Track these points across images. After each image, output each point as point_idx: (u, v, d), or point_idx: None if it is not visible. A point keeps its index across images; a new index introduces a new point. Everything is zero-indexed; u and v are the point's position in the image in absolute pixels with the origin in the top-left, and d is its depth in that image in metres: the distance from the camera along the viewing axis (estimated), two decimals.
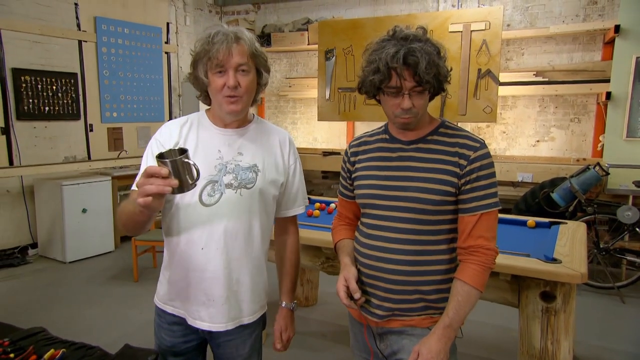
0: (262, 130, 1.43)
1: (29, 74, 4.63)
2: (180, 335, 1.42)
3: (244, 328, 1.41)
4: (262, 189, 1.36)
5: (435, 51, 1.21)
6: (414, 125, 1.30)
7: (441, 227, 1.30)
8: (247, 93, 1.30)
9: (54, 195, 4.52)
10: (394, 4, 5.89)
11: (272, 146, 1.42)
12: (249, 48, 1.27)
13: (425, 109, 1.30)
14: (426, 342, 1.22)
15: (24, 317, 3.30)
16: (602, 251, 3.88)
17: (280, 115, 6.88)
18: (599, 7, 4.88)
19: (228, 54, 1.23)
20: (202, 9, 6.73)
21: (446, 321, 1.23)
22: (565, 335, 1.97)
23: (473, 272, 1.25)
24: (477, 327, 3.16)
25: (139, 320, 3.30)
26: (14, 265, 4.42)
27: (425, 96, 1.25)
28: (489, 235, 1.27)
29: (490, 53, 4.68)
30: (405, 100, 1.22)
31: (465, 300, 1.24)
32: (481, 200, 1.26)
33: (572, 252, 2.10)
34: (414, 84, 1.20)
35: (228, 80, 1.24)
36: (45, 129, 4.85)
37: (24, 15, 4.58)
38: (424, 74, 1.17)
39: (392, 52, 1.17)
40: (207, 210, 1.31)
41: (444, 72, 1.23)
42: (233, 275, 1.35)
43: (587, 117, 5.05)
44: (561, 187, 4.01)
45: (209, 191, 1.31)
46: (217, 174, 1.32)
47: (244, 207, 1.33)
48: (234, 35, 1.24)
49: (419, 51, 1.17)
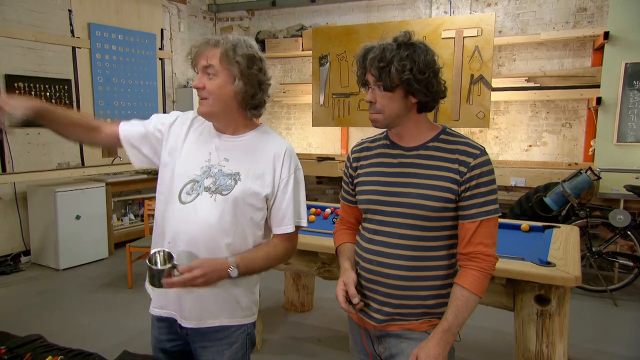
0: (260, 140, 1.41)
1: (22, 80, 4.61)
2: (165, 332, 1.44)
3: (220, 337, 1.39)
4: (238, 198, 1.33)
5: (405, 52, 1.23)
6: (384, 125, 1.33)
7: (441, 234, 1.31)
8: (213, 96, 1.30)
9: (47, 202, 4.49)
10: (387, 10, 5.95)
11: (263, 158, 1.38)
12: (222, 52, 1.27)
13: (396, 111, 1.29)
14: (425, 345, 1.23)
15: (18, 325, 3.27)
16: (594, 254, 3.92)
17: (275, 121, 6.89)
18: (588, 14, 4.96)
19: (199, 57, 1.30)
20: (196, 16, 6.74)
21: (445, 325, 1.25)
22: (560, 338, 1.99)
23: (472, 277, 1.26)
24: (472, 330, 3.18)
25: (134, 327, 3.28)
26: (6, 273, 4.37)
27: (390, 95, 1.26)
28: (488, 241, 1.28)
29: (483, 59, 4.74)
30: (369, 93, 1.30)
31: (464, 306, 1.25)
32: (481, 207, 1.27)
33: (566, 256, 2.12)
34: (373, 78, 1.27)
35: (195, 80, 1.32)
36: (39, 135, 4.83)
37: (18, 22, 4.56)
38: (369, 65, 1.25)
39: (362, 48, 1.29)
40: (181, 208, 1.34)
41: (400, 71, 1.21)
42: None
43: (578, 122, 5.11)
44: (554, 192, 4.05)
45: (188, 190, 1.35)
46: (200, 174, 1.35)
47: (214, 213, 1.31)
48: (214, 41, 1.29)
49: (377, 48, 1.24)
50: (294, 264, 2.65)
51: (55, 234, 4.46)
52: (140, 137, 1.43)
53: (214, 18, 7.02)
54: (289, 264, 2.66)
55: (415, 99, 1.29)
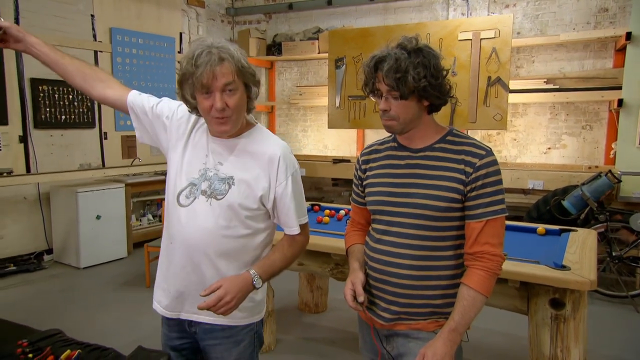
0: (255, 142, 1.39)
1: (46, 83, 4.75)
2: (175, 330, 1.48)
3: (228, 336, 1.41)
4: (233, 204, 1.33)
5: (416, 59, 1.23)
6: (399, 130, 1.34)
7: (447, 234, 1.32)
8: (236, 111, 1.29)
9: (69, 202, 4.61)
10: (404, 12, 5.94)
11: (257, 160, 1.36)
12: (235, 66, 1.25)
13: (410, 116, 1.30)
14: (432, 345, 1.24)
15: (40, 320, 3.37)
16: (615, 259, 3.84)
17: (291, 123, 6.93)
18: (610, 14, 4.86)
19: (212, 77, 1.22)
20: (214, 19, 6.84)
21: (452, 325, 1.25)
22: (576, 343, 1.96)
23: (479, 277, 1.27)
24: (486, 334, 3.15)
25: (150, 325, 3.34)
26: (30, 270, 4.51)
27: (405, 103, 1.27)
28: (495, 241, 1.29)
29: (500, 61, 4.69)
30: (382, 102, 1.30)
31: (471, 305, 1.26)
32: (487, 207, 1.28)
33: (582, 259, 2.09)
34: (387, 87, 1.26)
35: (215, 102, 1.24)
36: (62, 137, 4.96)
37: (43, 27, 4.71)
38: (385, 77, 1.24)
39: (371, 56, 1.28)
40: (180, 211, 1.37)
41: (417, 80, 1.22)
42: (191, 275, 1.37)
43: (599, 124, 5.01)
44: (572, 195, 3.98)
45: (186, 193, 1.37)
46: (198, 178, 1.37)
47: (210, 217, 1.33)
48: (217, 57, 1.22)
49: (389, 57, 1.24)
50: (307, 265, 2.67)
51: (77, 234, 4.58)
52: (144, 111, 1.45)
53: (231, 21, 7.11)
54: (302, 265, 2.68)
55: (428, 102, 1.31)
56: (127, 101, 1.45)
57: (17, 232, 4.64)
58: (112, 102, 1.48)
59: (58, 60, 1.45)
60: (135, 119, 1.47)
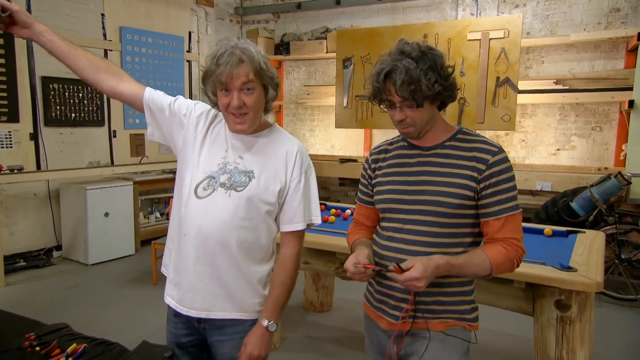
0: (273, 140, 1.44)
1: (57, 82, 4.81)
2: (182, 327, 1.48)
3: (237, 331, 1.42)
4: (252, 195, 1.36)
5: (425, 65, 1.23)
6: (416, 134, 1.34)
7: (459, 231, 1.32)
8: (253, 110, 1.34)
9: (78, 199, 4.66)
10: (413, 12, 5.92)
11: (276, 157, 1.41)
12: (253, 67, 1.29)
13: (426, 119, 1.31)
14: (425, 260, 1.22)
15: (48, 315, 3.39)
16: (623, 262, 3.80)
17: (299, 123, 6.95)
18: (621, 14, 4.81)
19: (231, 77, 1.28)
20: (223, 19, 6.87)
21: (451, 259, 1.25)
22: (581, 345, 1.95)
23: (497, 250, 1.28)
24: (491, 335, 3.13)
25: (156, 322, 3.36)
26: (39, 266, 4.56)
27: (421, 109, 1.27)
28: (517, 235, 1.31)
29: (509, 61, 4.66)
30: (397, 113, 1.29)
31: (476, 264, 1.27)
32: (504, 203, 1.29)
33: (589, 261, 2.08)
34: (400, 98, 1.26)
35: (232, 100, 1.30)
36: (71, 135, 5.02)
37: (54, 26, 4.67)
38: (400, 91, 1.23)
39: (378, 70, 1.27)
40: (197, 202, 1.38)
41: (430, 86, 1.23)
42: (205, 268, 1.38)
43: (609, 125, 4.96)
44: (581, 197, 3.94)
45: (204, 185, 1.39)
46: (217, 171, 1.39)
47: (229, 208, 1.35)
48: (238, 57, 1.27)
49: (399, 69, 1.22)
50: (312, 264, 2.68)
51: (85, 230, 4.62)
52: (161, 108, 1.45)
53: (240, 21, 7.14)
54: (307, 264, 2.69)
55: (439, 101, 1.31)
56: (144, 97, 1.45)
57: (27, 229, 4.70)
58: (124, 96, 1.46)
59: (69, 50, 1.42)
60: (149, 116, 1.47)
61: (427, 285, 1.29)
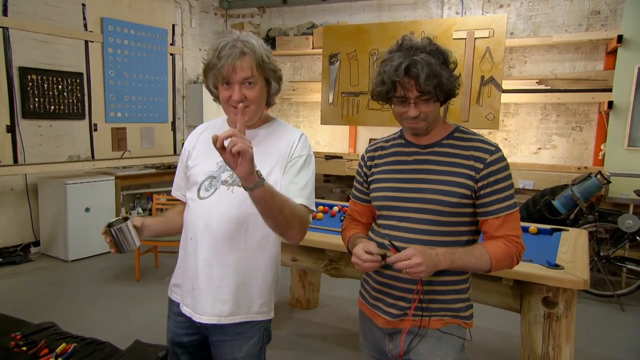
0: (273, 133, 1.42)
1: (35, 72, 4.67)
2: (184, 327, 1.46)
3: (239, 332, 1.40)
4: None
5: (439, 61, 1.24)
6: (424, 130, 1.33)
7: (456, 229, 1.33)
8: (255, 104, 1.32)
9: (57, 193, 4.54)
10: (399, 10, 5.94)
11: (277, 147, 1.39)
12: (256, 61, 1.28)
13: (436, 114, 1.33)
14: (427, 250, 1.22)
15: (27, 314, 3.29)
16: (602, 259, 3.90)
17: (283, 119, 6.89)
18: (601, 17, 4.92)
19: (232, 70, 1.27)
20: (207, 12, 6.77)
21: (453, 250, 1.27)
22: (567, 341, 1.99)
23: (497, 246, 1.30)
24: (479, 332, 3.17)
25: (141, 319, 3.31)
26: (16, 262, 4.43)
27: (433, 103, 1.28)
28: (517, 233, 1.32)
29: (494, 60, 4.72)
30: (411, 109, 1.27)
31: (476, 256, 1.28)
32: (503, 202, 1.30)
33: (575, 259, 2.12)
34: (418, 93, 1.24)
35: (233, 94, 1.29)
36: (50, 128, 4.88)
37: (33, 15, 4.61)
38: (424, 85, 1.21)
39: (395, 64, 1.23)
40: (201, 204, 1.37)
41: (449, 80, 1.26)
42: (214, 270, 1.36)
43: (588, 125, 5.08)
44: (562, 195, 4.03)
45: (206, 186, 1.38)
46: (217, 170, 1.38)
47: (233, 204, 1.34)
48: (240, 50, 1.26)
49: (420, 63, 1.21)
50: (301, 261, 2.66)
51: (65, 226, 4.51)
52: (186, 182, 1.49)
53: (225, 14, 7.04)
54: (296, 261, 2.67)
55: (444, 97, 1.31)
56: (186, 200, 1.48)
57: (3, 223, 4.56)
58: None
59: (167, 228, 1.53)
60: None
61: (426, 283, 1.30)
